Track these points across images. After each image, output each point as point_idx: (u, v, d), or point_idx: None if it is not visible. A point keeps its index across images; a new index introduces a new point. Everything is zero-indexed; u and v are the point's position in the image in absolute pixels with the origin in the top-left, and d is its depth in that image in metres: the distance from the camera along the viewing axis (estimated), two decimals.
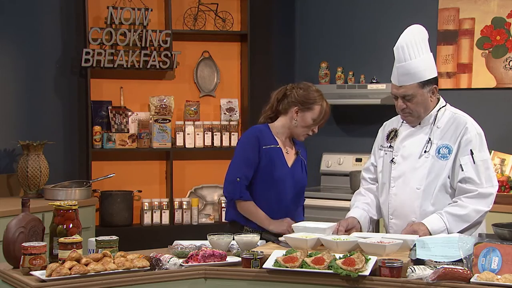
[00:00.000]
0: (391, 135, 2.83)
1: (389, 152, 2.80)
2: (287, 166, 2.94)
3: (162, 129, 4.67)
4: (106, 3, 4.61)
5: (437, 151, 2.68)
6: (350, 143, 5.04)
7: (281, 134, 2.97)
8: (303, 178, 3.01)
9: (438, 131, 2.71)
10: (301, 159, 3.02)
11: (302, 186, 3.01)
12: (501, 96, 4.47)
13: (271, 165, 2.89)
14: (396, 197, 2.74)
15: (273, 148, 2.92)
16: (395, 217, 2.75)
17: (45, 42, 4.51)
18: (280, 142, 2.96)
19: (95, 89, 4.61)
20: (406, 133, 2.77)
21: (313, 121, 2.92)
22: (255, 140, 2.89)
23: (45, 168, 4.21)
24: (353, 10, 5.06)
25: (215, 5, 4.86)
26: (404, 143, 2.76)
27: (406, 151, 2.74)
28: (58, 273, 2.25)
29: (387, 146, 2.82)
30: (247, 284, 2.41)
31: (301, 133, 2.95)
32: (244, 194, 2.87)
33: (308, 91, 2.92)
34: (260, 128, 2.97)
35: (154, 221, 4.64)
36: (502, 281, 2.13)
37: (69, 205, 2.52)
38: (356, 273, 2.26)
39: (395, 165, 2.75)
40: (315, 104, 2.90)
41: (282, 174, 2.91)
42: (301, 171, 2.99)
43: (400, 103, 2.70)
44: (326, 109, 2.93)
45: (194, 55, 4.90)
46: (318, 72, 5.01)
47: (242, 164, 2.88)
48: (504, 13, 4.45)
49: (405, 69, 2.66)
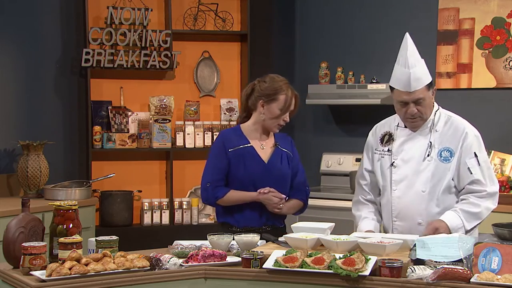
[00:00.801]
0: (385, 138, 2.85)
1: (386, 156, 2.82)
2: (262, 162, 2.94)
3: (162, 129, 4.67)
4: (106, 3, 4.61)
5: (439, 154, 2.74)
6: (350, 143, 5.04)
7: (254, 131, 2.98)
8: (285, 171, 2.98)
9: (437, 134, 2.76)
10: (282, 151, 2.99)
11: (284, 179, 2.97)
12: (501, 96, 4.47)
13: (243, 164, 2.92)
14: (400, 200, 2.77)
15: (243, 148, 2.94)
16: (399, 219, 2.78)
17: (45, 42, 4.51)
18: (254, 140, 2.97)
19: (95, 89, 4.61)
20: (404, 137, 2.80)
21: (280, 111, 2.92)
22: (221, 145, 2.97)
23: (45, 168, 4.21)
24: (353, 10, 5.06)
25: (215, 5, 4.86)
26: (404, 147, 2.79)
27: (407, 155, 2.78)
28: (58, 273, 2.25)
29: (382, 150, 2.84)
30: (247, 284, 2.41)
31: (272, 125, 2.95)
32: (218, 193, 2.94)
33: (271, 82, 2.94)
34: (227, 132, 3.04)
35: (154, 221, 4.64)
36: (502, 281, 2.13)
37: (69, 205, 2.52)
38: (356, 273, 2.26)
39: (396, 169, 2.79)
40: (279, 94, 2.91)
41: (255, 171, 2.92)
42: (280, 164, 2.96)
43: (411, 109, 2.72)
44: (291, 96, 2.92)
45: (194, 55, 4.90)
46: (318, 72, 5.01)
47: (210, 170, 2.98)
48: (504, 13, 4.45)
49: (416, 74, 2.72)
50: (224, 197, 2.93)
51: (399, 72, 2.75)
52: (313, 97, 4.92)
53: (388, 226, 2.85)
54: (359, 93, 4.73)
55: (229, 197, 2.93)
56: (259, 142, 2.98)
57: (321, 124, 5.22)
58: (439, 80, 4.68)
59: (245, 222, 2.94)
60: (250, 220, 2.94)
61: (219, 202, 2.96)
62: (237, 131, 3.00)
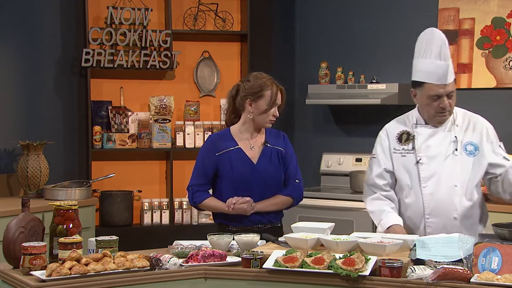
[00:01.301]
0: (403, 137, 2.83)
1: (409, 154, 2.81)
2: (251, 163, 2.94)
3: (162, 129, 4.67)
4: (106, 3, 4.61)
5: (464, 148, 2.77)
6: (350, 143, 5.04)
7: (244, 132, 2.98)
8: (275, 171, 2.96)
9: (457, 129, 2.80)
10: (272, 149, 2.98)
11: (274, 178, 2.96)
12: (501, 96, 4.47)
13: (231, 167, 2.93)
14: (433, 196, 2.76)
15: (231, 150, 2.95)
16: (433, 216, 2.77)
17: (45, 42, 4.51)
18: (243, 141, 2.97)
19: (95, 89, 4.61)
20: (427, 133, 2.80)
21: (268, 106, 2.92)
22: (209, 149, 2.98)
23: (45, 168, 4.21)
24: (353, 10, 5.06)
25: (215, 5, 4.86)
26: (428, 143, 2.79)
27: (432, 151, 2.78)
28: (58, 273, 2.25)
29: (403, 148, 2.82)
30: (247, 284, 2.41)
31: (263, 121, 2.95)
32: (196, 198, 2.97)
33: (255, 80, 2.95)
34: (215, 136, 3.07)
35: (154, 221, 4.64)
36: (502, 281, 2.13)
37: (69, 205, 2.53)
38: (356, 273, 2.26)
39: (423, 166, 2.77)
40: (264, 90, 2.92)
41: (244, 173, 2.92)
42: (269, 165, 2.95)
43: (445, 102, 2.72)
44: (276, 91, 2.92)
45: (194, 55, 4.90)
46: (318, 72, 5.01)
47: (195, 174, 3.00)
48: (504, 13, 4.45)
49: (449, 66, 2.72)
50: (201, 203, 2.98)
51: (432, 66, 2.69)
52: (313, 97, 4.92)
53: (417, 224, 2.80)
54: (359, 93, 4.73)
55: (206, 204, 2.98)
56: (248, 143, 2.98)
57: (321, 124, 5.22)
58: None
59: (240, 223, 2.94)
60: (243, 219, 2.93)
61: (199, 206, 3.01)
62: (225, 134, 3.01)
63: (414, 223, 2.82)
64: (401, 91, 4.62)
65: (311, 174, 5.12)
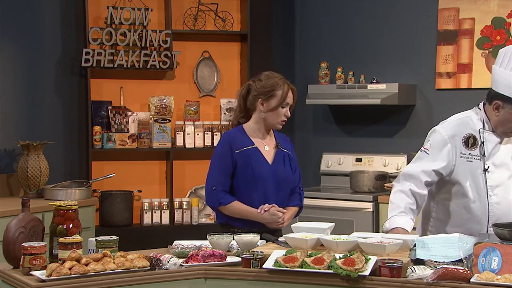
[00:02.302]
0: (470, 141, 2.73)
1: (475, 160, 2.71)
2: (267, 164, 2.93)
3: (162, 129, 4.67)
4: (106, 3, 4.61)
5: None
6: (350, 143, 5.04)
7: (257, 132, 2.97)
8: (288, 175, 2.95)
9: None
10: (284, 152, 2.98)
11: (287, 182, 2.95)
12: None
13: (248, 166, 2.90)
14: (499, 206, 2.70)
15: (248, 150, 2.92)
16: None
17: (45, 42, 4.51)
18: (257, 141, 2.96)
19: (95, 89, 4.61)
20: (495, 141, 2.72)
21: (279, 106, 2.91)
22: (227, 146, 2.92)
23: (45, 168, 4.21)
24: (353, 10, 5.06)
25: (215, 5, 4.86)
26: (494, 151, 2.71)
27: (497, 160, 2.71)
28: (58, 273, 2.25)
29: (469, 153, 2.71)
30: (247, 284, 2.41)
31: (275, 122, 2.94)
32: (223, 199, 2.90)
33: (266, 80, 2.93)
34: (232, 133, 2.99)
35: (154, 221, 4.64)
36: (502, 281, 2.13)
37: (69, 205, 2.52)
38: (356, 273, 2.26)
39: (490, 174, 2.71)
40: (276, 90, 2.90)
41: (261, 173, 2.90)
42: (283, 167, 2.95)
43: None
44: (287, 91, 2.91)
45: (194, 55, 4.90)
46: (318, 72, 5.01)
47: (216, 173, 2.92)
48: (504, 13, 4.45)
49: None
50: (227, 205, 2.90)
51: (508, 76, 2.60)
52: (313, 97, 4.92)
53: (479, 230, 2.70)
54: (359, 93, 4.73)
55: (232, 207, 2.90)
56: (262, 143, 2.97)
57: (321, 124, 5.22)
58: (439, 80, 4.69)
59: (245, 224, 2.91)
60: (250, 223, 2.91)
61: (221, 208, 2.92)
62: (241, 132, 2.97)
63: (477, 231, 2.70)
64: (401, 91, 4.63)
65: (311, 174, 5.13)
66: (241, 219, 2.92)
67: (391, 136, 4.90)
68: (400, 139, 4.83)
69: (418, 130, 4.64)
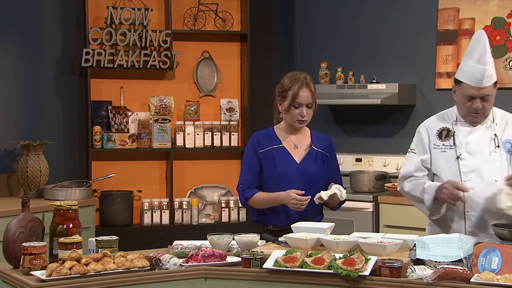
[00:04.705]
0: (443, 134, 2.89)
1: (449, 150, 2.86)
2: (294, 162, 2.96)
3: (162, 129, 4.67)
4: (106, 3, 4.61)
5: (504, 146, 2.82)
6: (350, 143, 5.03)
7: (286, 131, 3.02)
8: (319, 172, 2.97)
9: (497, 127, 2.85)
10: (317, 151, 3.00)
11: (316, 180, 2.96)
12: (501, 96, 4.42)
13: (273, 164, 2.95)
14: (473, 191, 2.78)
15: (275, 149, 2.98)
16: (472, 210, 2.79)
17: (45, 42, 4.51)
18: (286, 140, 2.99)
19: (95, 89, 4.60)
20: (467, 130, 2.86)
21: (292, 107, 2.93)
22: (252, 146, 3.01)
23: (45, 168, 4.21)
24: (353, 10, 5.06)
25: (215, 5, 4.86)
26: (468, 140, 2.84)
27: (472, 147, 2.83)
28: (58, 273, 2.25)
29: (442, 144, 2.87)
30: (247, 284, 2.41)
31: (291, 121, 2.97)
32: (247, 194, 2.97)
33: (283, 80, 2.98)
34: (260, 133, 3.07)
35: (154, 221, 4.64)
36: (502, 281, 2.14)
37: (69, 205, 2.53)
38: (356, 273, 2.26)
39: (463, 161, 2.82)
40: (287, 91, 2.93)
41: (287, 172, 2.94)
42: (313, 166, 2.97)
43: (477, 104, 2.79)
44: (298, 91, 2.92)
45: (194, 55, 4.89)
46: (318, 72, 5.01)
47: (243, 172, 3.02)
48: (504, 13, 4.45)
49: (489, 71, 2.78)
50: (252, 198, 2.95)
51: (472, 68, 2.78)
52: None
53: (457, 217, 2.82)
54: (359, 93, 4.73)
55: (256, 198, 2.95)
56: (292, 142, 3.00)
57: (321, 124, 5.21)
58: (439, 80, 4.68)
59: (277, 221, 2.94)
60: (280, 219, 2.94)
61: (249, 203, 2.98)
62: (270, 133, 3.03)
63: (454, 217, 2.84)
64: (401, 91, 4.62)
65: None
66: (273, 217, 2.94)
67: (391, 136, 4.90)
68: (400, 139, 4.83)
69: None
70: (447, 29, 4.63)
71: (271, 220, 2.97)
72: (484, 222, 2.75)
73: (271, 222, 2.97)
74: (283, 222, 2.93)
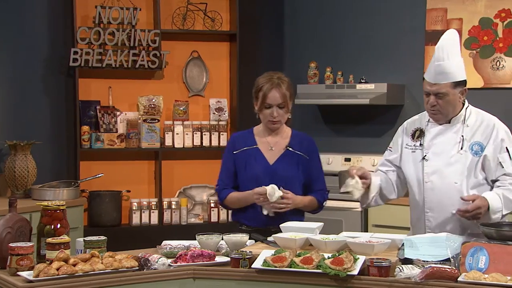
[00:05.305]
0: (416, 134, 2.90)
1: (418, 150, 2.87)
2: (266, 164, 2.96)
3: (151, 129, 4.66)
4: (94, 2, 4.59)
5: (471, 148, 2.79)
6: (339, 143, 5.05)
7: (263, 132, 3.02)
8: (292, 174, 2.96)
9: (468, 129, 2.82)
10: (294, 153, 2.99)
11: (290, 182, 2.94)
12: (489, 96, 4.49)
13: (246, 165, 2.96)
14: (433, 191, 2.80)
15: (249, 150, 2.98)
16: (432, 211, 2.80)
17: (33, 41, 4.48)
18: (262, 141, 2.99)
19: (83, 89, 4.58)
20: (435, 131, 2.85)
21: (262, 107, 2.94)
22: (229, 147, 3.04)
23: (32, 168, 4.19)
24: (342, 10, 5.07)
25: (204, 5, 4.86)
26: (435, 141, 2.84)
27: (438, 148, 2.82)
28: (46, 274, 2.24)
29: (413, 144, 2.89)
30: (236, 284, 2.41)
31: (264, 122, 2.99)
32: (222, 194, 3.00)
33: (257, 81, 2.99)
34: (237, 134, 3.11)
35: (143, 221, 4.62)
36: (489, 280, 2.15)
37: (56, 205, 2.51)
38: (344, 273, 2.27)
39: (428, 162, 2.83)
40: (259, 91, 2.94)
41: (257, 173, 2.93)
42: (286, 167, 2.96)
43: (431, 100, 2.78)
44: (267, 92, 2.91)
45: (183, 55, 4.89)
46: (307, 72, 5.01)
47: (221, 172, 3.05)
48: (491, 13, 4.47)
49: (442, 68, 2.76)
50: (226, 198, 2.98)
51: (430, 64, 2.82)
52: (302, 97, 4.92)
53: (419, 218, 2.85)
54: (348, 93, 4.74)
55: (231, 198, 2.97)
56: (268, 143, 3.00)
57: (310, 124, 5.23)
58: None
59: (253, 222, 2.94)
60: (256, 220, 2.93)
61: (225, 203, 3.01)
62: (248, 134, 3.04)
63: (416, 217, 2.87)
64: (390, 91, 4.64)
65: None
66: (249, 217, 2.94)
67: (380, 136, 4.91)
68: (389, 139, 4.77)
69: None
70: (435, 29, 4.65)
71: (244, 219, 2.98)
72: (443, 224, 2.74)
73: (243, 221, 2.98)
74: (256, 222, 2.92)
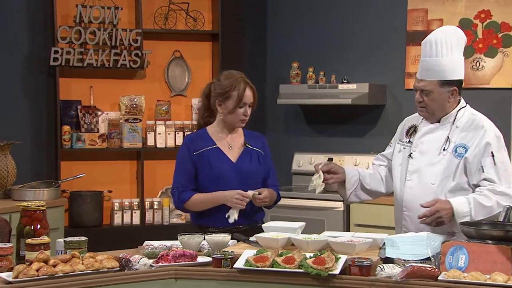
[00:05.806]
0: (410, 130, 2.89)
1: (407, 147, 2.86)
2: (230, 162, 2.94)
3: (133, 128, 4.63)
4: (74, 1, 4.55)
5: (454, 150, 2.74)
6: (321, 143, 5.06)
7: (220, 132, 2.99)
8: (255, 170, 2.97)
9: (457, 130, 2.77)
10: (252, 150, 2.99)
11: (253, 178, 2.95)
12: (469, 97, 4.49)
13: (209, 165, 2.92)
14: (411, 190, 2.80)
15: (209, 150, 2.94)
16: (408, 210, 2.80)
17: (13, 40, 4.44)
18: (220, 141, 2.97)
19: (64, 89, 4.55)
20: (425, 129, 2.83)
21: (237, 107, 2.91)
22: (185, 149, 2.97)
23: (12, 169, 4.15)
24: (324, 10, 5.09)
25: (186, 4, 4.84)
26: (423, 139, 2.82)
27: (424, 147, 2.81)
28: (25, 275, 2.22)
29: (406, 141, 2.88)
30: (217, 284, 2.41)
31: (234, 121, 2.95)
32: (183, 197, 2.93)
33: (223, 81, 2.94)
34: (192, 136, 3.07)
35: (125, 222, 4.60)
36: (468, 278, 2.17)
37: (36, 206, 2.49)
38: (326, 272, 2.27)
39: (412, 160, 2.82)
40: (231, 91, 2.90)
41: (223, 172, 2.92)
42: (249, 164, 2.96)
43: (417, 96, 2.78)
44: (243, 91, 2.90)
45: (165, 55, 4.87)
46: (289, 72, 5.02)
47: (177, 175, 2.98)
48: (471, 14, 4.52)
49: (429, 64, 2.74)
50: (189, 200, 2.92)
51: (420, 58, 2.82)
52: (285, 97, 4.93)
53: (398, 215, 2.87)
54: (330, 93, 4.76)
55: (195, 200, 2.92)
56: (226, 142, 2.98)
57: (293, 124, 5.24)
58: (408, 81, 4.74)
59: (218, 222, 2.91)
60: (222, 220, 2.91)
61: (186, 206, 2.95)
62: (203, 134, 3.00)
63: (397, 216, 2.89)
64: (372, 91, 4.67)
65: (283, 174, 5.13)
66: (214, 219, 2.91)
67: (362, 136, 4.94)
68: (371, 139, 4.87)
69: (388, 130, 4.67)
70: (416, 30, 4.69)
71: (211, 222, 2.92)
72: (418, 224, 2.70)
73: (211, 224, 2.92)
74: (223, 223, 2.89)
